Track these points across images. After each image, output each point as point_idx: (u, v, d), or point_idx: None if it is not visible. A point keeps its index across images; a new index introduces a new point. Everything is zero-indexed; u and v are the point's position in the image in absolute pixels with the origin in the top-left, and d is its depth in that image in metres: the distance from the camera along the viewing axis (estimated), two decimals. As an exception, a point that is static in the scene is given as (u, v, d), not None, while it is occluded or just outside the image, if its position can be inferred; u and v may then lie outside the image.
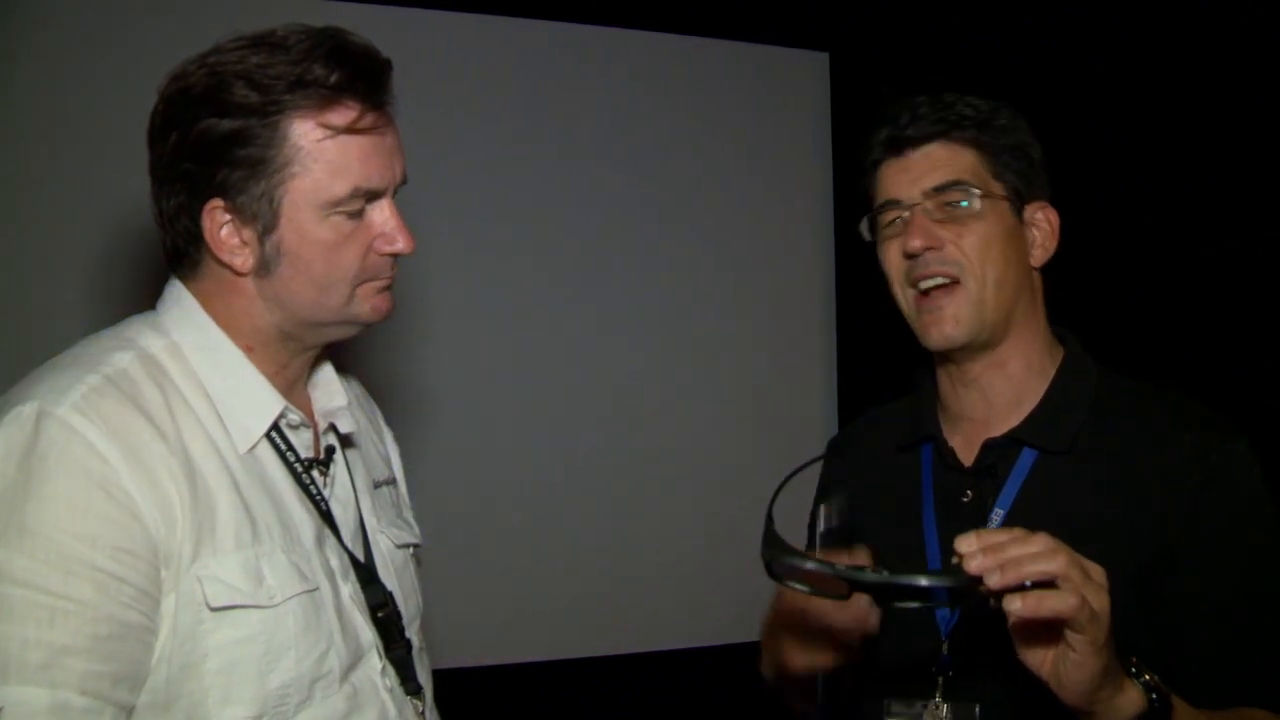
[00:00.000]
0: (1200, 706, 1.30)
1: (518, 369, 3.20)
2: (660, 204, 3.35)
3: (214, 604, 1.20)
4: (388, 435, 1.65)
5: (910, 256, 1.48)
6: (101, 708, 1.14)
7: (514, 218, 3.20)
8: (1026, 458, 1.48)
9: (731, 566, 3.33)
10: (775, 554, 1.18)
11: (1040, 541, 1.11)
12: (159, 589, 1.18)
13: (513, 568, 3.16)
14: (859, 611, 1.40)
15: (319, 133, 1.27)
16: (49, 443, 1.16)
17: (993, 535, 1.12)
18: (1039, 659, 1.16)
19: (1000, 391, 1.51)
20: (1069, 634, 1.13)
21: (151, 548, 1.18)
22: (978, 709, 1.38)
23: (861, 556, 1.40)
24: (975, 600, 1.11)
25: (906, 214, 1.49)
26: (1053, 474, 1.46)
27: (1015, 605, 1.09)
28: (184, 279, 1.36)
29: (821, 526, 1.53)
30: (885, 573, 1.13)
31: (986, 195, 1.47)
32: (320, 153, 1.27)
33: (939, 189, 1.48)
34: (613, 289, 3.31)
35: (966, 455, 1.53)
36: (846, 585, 1.17)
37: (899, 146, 1.51)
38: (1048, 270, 1.55)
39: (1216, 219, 3.18)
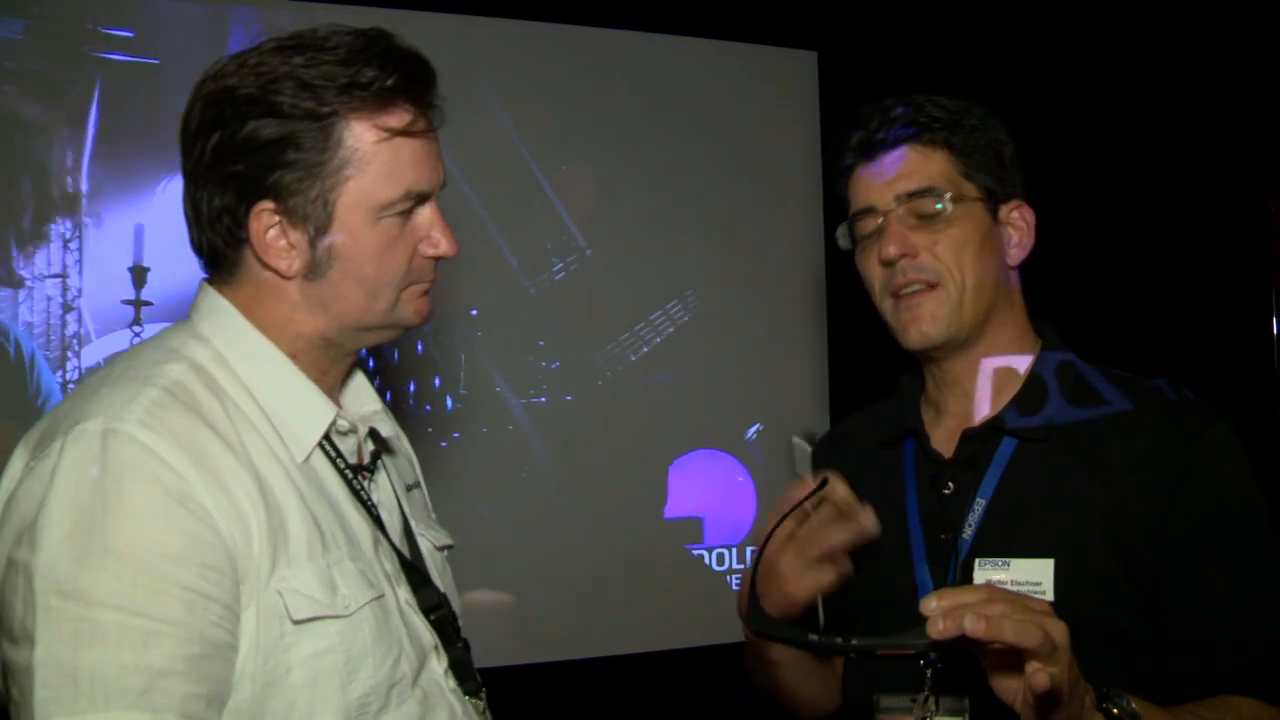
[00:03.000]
0: (1184, 691, 1.33)
1: (510, 370, 3.18)
2: (649, 202, 3.35)
3: (296, 617, 1.17)
4: (404, 439, 1.63)
5: (886, 264, 1.49)
6: None
7: (505, 218, 3.17)
8: (1006, 446, 1.50)
9: (721, 566, 3.37)
10: (758, 624, 1.38)
11: (1001, 604, 1.12)
12: (239, 604, 1.15)
13: (507, 570, 3.13)
14: (858, 526, 1.41)
15: (374, 135, 1.25)
16: (120, 460, 1.11)
17: (957, 596, 1.14)
18: (1011, 692, 1.18)
19: (981, 387, 1.55)
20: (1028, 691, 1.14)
21: (231, 562, 1.15)
22: (968, 700, 1.38)
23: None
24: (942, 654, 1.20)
25: (881, 220, 1.50)
26: (1033, 462, 1.48)
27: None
28: (219, 285, 1.32)
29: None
30: (854, 641, 1.22)
31: (959, 199, 1.48)
32: (375, 155, 1.25)
33: (911, 195, 1.48)
34: (603, 288, 3.30)
35: (948, 448, 1.55)
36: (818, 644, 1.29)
37: (871, 151, 1.52)
38: (1028, 265, 1.58)
39: (1193, 211, 3.27)
